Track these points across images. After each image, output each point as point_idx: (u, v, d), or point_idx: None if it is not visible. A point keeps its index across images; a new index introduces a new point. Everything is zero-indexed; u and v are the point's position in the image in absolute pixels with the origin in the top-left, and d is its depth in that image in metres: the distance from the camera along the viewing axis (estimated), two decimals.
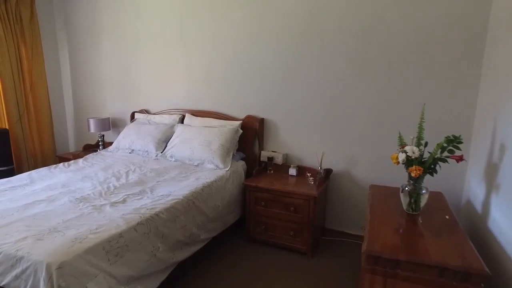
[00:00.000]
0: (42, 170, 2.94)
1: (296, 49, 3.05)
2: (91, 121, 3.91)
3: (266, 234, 2.94)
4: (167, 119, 3.61)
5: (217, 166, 2.99)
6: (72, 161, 3.21)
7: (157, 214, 2.08)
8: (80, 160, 3.25)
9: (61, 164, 3.11)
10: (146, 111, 3.89)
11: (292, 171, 3.12)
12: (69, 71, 4.42)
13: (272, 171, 3.21)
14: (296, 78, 3.10)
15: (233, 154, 3.15)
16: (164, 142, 3.39)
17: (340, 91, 2.95)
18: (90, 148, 4.11)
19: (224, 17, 3.30)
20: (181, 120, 3.58)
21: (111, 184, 2.55)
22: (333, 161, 3.06)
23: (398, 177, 2.32)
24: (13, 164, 3.86)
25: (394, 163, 2.05)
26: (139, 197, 2.32)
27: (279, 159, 3.19)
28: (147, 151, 3.37)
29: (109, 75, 4.10)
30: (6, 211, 2.07)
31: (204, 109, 3.56)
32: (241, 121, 3.28)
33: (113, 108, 4.17)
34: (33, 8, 4.01)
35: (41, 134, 4.25)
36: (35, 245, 1.65)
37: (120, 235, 1.82)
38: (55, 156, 4.31)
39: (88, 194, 2.33)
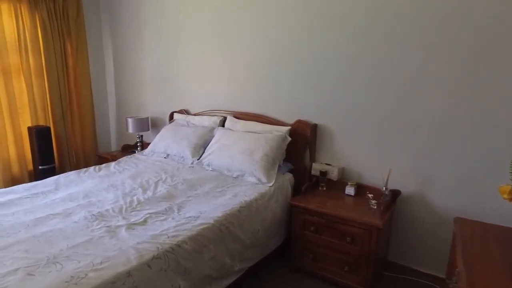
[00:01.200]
0: (71, 174, 2.71)
1: (358, 40, 2.48)
2: (130, 121, 3.67)
3: (315, 264, 2.43)
4: (207, 121, 3.24)
5: (259, 180, 2.53)
6: (104, 165, 2.95)
7: (179, 245, 1.68)
8: (113, 164, 2.99)
9: (92, 168, 2.87)
10: (186, 112, 3.55)
11: (350, 190, 2.57)
12: (113, 68, 4.25)
13: (325, 188, 2.68)
14: (358, 76, 2.53)
15: (279, 165, 2.68)
16: (201, 147, 3.01)
17: (416, 94, 2.33)
18: (128, 149, 3.90)
19: (272, 8, 2.82)
20: (222, 123, 3.18)
21: (135, 198, 2.20)
22: (402, 181, 2.45)
23: (501, 210, 1.68)
24: (55, 163, 3.76)
25: (506, 199, 1.43)
26: (162, 218, 1.94)
27: (334, 174, 2.65)
28: (182, 157, 3.01)
29: (150, 73, 3.83)
30: (14, 228, 1.81)
31: (248, 111, 3.12)
32: (289, 127, 2.79)
33: (153, 107, 3.91)
34: (79, 5, 3.88)
35: (84, 133, 4.13)
36: (23, 284, 1.32)
37: (129, 273, 1.44)
38: (96, 155, 4.17)
39: (106, 210, 2.01)
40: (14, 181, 3.64)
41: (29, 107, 3.63)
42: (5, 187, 3.52)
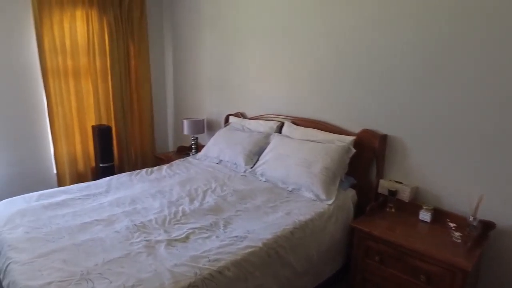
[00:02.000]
0: (123, 176, 2.68)
1: (443, 41, 2.06)
2: (185, 123, 3.61)
3: None
4: (263, 126, 3.02)
5: (317, 196, 2.24)
6: (156, 168, 2.89)
7: (220, 271, 1.47)
8: (165, 167, 2.92)
9: (144, 170, 2.82)
10: (242, 115, 3.38)
11: (425, 215, 2.16)
12: (172, 69, 4.26)
13: (393, 210, 2.29)
14: (441, 83, 2.11)
15: (341, 180, 2.36)
16: (255, 155, 2.80)
17: None
18: (183, 151, 3.85)
19: (339, 7, 2.51)
20: (279, 129, 2.94)
21: (180, 208, 2.06)
22: (497, 211, 1.98)
23: None
24: (114, 161, 3.85)
25: None
26: (206, 235, 1.76)
27: (405, 194, 2.26)
28: (235, 164, 2.83)
29: (208, 74, 3.74)
30: (59, 232, 1.76)
31: (308, 116, 2.84)
32: (354, 137, 2.45)
33: (209, 109, 3.81)
34: (143, 8, 3.94)
35: (142, 133, 4.19)
36: None
37: None
38: (153, 155, 4.21)
39: (149, 220, 1.89)
40: (79, 176, 3.80)
41: (94, 106, 3.75)
42: (70, 182, 3.71)
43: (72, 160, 3.70)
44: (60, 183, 3.67)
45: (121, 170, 4.04)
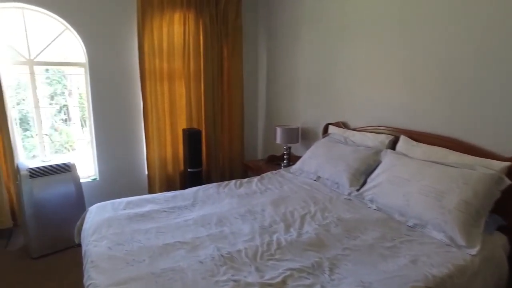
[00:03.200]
0: (211, 188, 2.45)
1: None
2: (279, 130, 3.28)
3: None
4: (372, 140, 2.52)
5: (451, 240, 1.67)
6: (246, 181, 2.61)
7: None
8: (255, 180, 2.62)
9: (233, 182, 2.56)
10: (344, 125, 2.91)
11: None
12: (265, 72, 4.00)
13: None
14: None
15: (485, 221, 1.74)
16: (363, 174, 2.32)
17: None
18: (274, 161, 3.53)
19: None
20: (392, 145, 2.41)
21: (275, 238, 1.70)
22: None
23: None
24: (202, 166, 3.72)
25: None
26: (307, 282, 1.36)
27: None
28: (337, 183, 2.39)
29: (306, 78, 3.36)
30: (140, 253, 1.56)
31: (431, 131, 2.26)
32: (508, 163, 1.81)
33: (305, 116, 3.43)
34: (238, 8, 3.76)
35: (232, 138, 4.01)
36: None
37: None
38: (242, 162, 3.99)
39: (238, 251, 1.57)
40: (168, 179, 3.76)
41: (185, 109, 3.68)
42: (160, 185, 3.70)
43: (162, 163, 3.68)
44: (150, 185, 3.67)
45: (208, 176, 3.92)
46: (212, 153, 3.89)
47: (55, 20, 3.17)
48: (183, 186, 3.76)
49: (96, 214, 2.00)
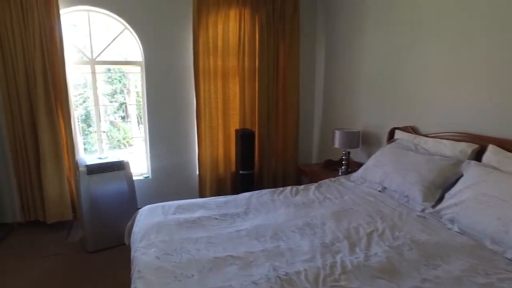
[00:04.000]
0: (265, 194, 2.29)
1: None
2: (337, 134, 3.03)
3: None
4: (449, 148, 2.18)
5: None
6: (302, 188, 2.41)
7: None
8: (312, 187, 2.41)
9: (288, 189, 2.37)
10: (413, 130, 2.59)
11: None
12: (323, 71, 3.76)
13: None
14: None
15: None
16: (439, 188, 2.00)
17: None
18: (331, 166, 3.28)
19: None
20: (476, 155, 2.06)
21: (338, 259, 1.48)
22: None
23: None
24: (254, 169, 3.58)
25: None
26: None
27: None
28: (407, 196, 2.10)
29: (369, 77, 3.07)
30: (189, 266, 1.44)
31: None
32: None
33: (367, 119, 3.13)
34: (296, 3, 3.56)
35: (286, 140, 3.82)
36: None
37: None
38: (296, 166, 3.79)
39: (297, 272, 1.37)
40: (219, 180, 3.68)
41: (239, 109, 3.57)
42: (210, 185, 3.62)
43: (213, 163, 3.60)
44: (201, 185, 3.61)
45: (260, 179, 3.78)
46: (265, 155, 3.73)
47: (115, 21, 3.22)
48: (234, 189, 3.65)
49: (146, 217, 1.93)
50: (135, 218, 2.01)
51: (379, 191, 2.29)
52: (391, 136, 2.72)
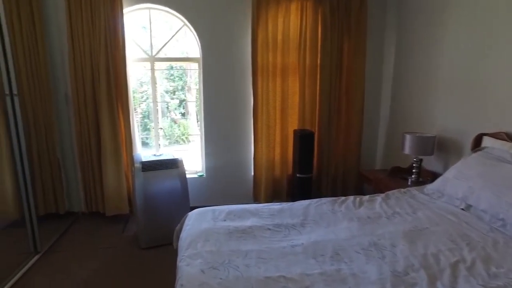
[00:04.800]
0: (324, 204, 2.05)
1: None
2: (408, 138, 2.67)
3: None
4: None
5: None
6: (367, 198, 2.13)
7: None
8: (379, 199, 2.11)
9: (351, 199, 2.10)
10: (508, 136, 2.15)
11: None
12: (392, 69, 3.38)
13: None
14: None
15: None
16: None
17: None
18: (399, 174, 2.93)
19: None
20: None
21: None
22: None
23: None
24: (312, 173, 3.34)
25: None
26: None
27: None
28: (502, 219, 1.71)
29: (448, 76, 2.66)
30: (238, 286, 1.26)
31: None
32: None
33: (444, 123, 2.72)
34: None
35: (348, 143, 3.52)
36: None
37: None
38: (358, 171, 3.47)
39: None
40: (274, 183, 3.52)
41: (298, 108, 3.36)
42: (265, 187, 3.46)
43: (269, 164, 3.44)
44: (255, 187, 3.47)
45: (318, 183, 3.53)
46: (324, 158, 3.47)
47: (175, 18, 3.21)
48: (290, 193, 3.45)
49: (194, 222, 1.82)
50: (184, 222, 1.91)
51: (462, 209, 1.92)
52: (477, 144, 2.30)
